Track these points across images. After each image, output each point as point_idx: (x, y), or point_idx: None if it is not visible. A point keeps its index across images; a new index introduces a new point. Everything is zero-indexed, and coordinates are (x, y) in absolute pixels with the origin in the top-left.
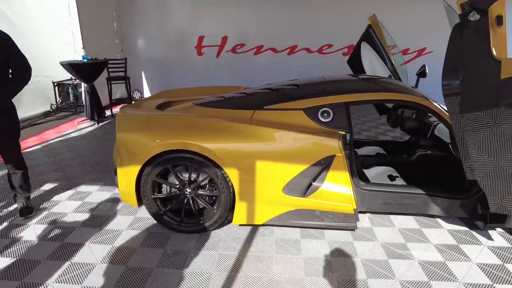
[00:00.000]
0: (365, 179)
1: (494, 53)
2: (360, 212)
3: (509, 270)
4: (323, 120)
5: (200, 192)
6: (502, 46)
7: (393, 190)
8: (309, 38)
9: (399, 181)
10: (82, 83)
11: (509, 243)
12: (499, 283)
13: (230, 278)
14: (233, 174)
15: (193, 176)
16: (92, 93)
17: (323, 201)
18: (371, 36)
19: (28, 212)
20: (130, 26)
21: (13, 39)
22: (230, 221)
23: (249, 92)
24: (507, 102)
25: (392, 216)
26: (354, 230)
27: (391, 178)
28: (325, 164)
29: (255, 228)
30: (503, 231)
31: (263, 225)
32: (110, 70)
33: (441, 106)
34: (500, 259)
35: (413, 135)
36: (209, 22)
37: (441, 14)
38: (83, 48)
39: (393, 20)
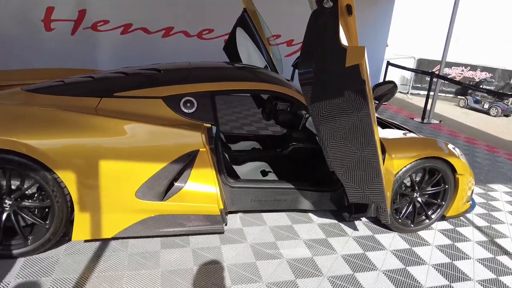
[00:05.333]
0: (235, 175)
1: (343, 41)
2: (230, 212)
3: (368, 258)
4: (185, 110)
5: (25, 203)
6: (352, 35)
7: (264, 186)
8: (188, 20)
9: (272, 176)
10: None
11: (371, 231)
12: (360, 271)
13: None
14: (69, 179)
15: (17, 183)
16: None
17: (186, 204)
18: (247, 21)
19: None
20: None
21: None
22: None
23: (98, 76)
24: (355, 89)
25: (265, 214)
26: (222, 233)
27: (264, 173)
28: (187, 161)
29: (105, 243)
30: (367, 220)
31: (113, 238)
32: None
33: None
34: (362, 248)
35: (287, 128)
36: None
37: None
38: None
39: (278, 9)
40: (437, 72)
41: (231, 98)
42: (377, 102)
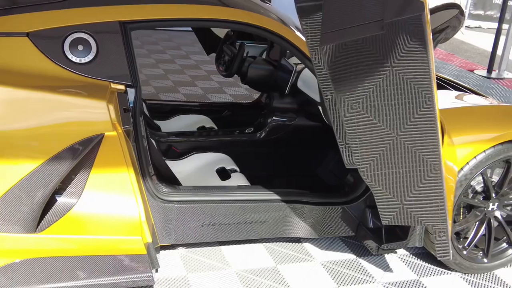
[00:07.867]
0: (171, 180)
1: None
2: (165, 247)
3: None
4: (75, 59)
5: None
6: None
7: (224, 197)
8: None
9: (237, 178)
10: None
11: (414, 272)
12: None
13: None
14: None
15: None
16: None
17: (80, 237)
18: None
19: None
20: None
21: None
22: None
23: None
24: (404, 20)
25: (225, 248)
26: (151, 285)
27: (223, 174)
28: (80, 157)
29: None
30: (407, 253)
31: None
32: None
33: None
34: None
35: (263, 91)
36: None
37: None
38: None
39: None
40: None
41: (157, 36)
42: None
